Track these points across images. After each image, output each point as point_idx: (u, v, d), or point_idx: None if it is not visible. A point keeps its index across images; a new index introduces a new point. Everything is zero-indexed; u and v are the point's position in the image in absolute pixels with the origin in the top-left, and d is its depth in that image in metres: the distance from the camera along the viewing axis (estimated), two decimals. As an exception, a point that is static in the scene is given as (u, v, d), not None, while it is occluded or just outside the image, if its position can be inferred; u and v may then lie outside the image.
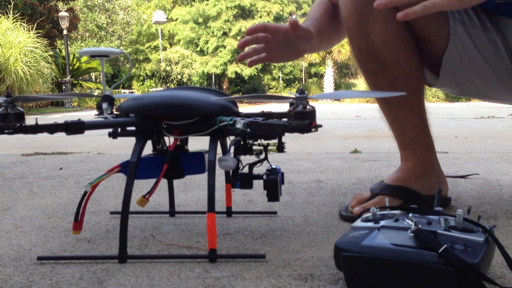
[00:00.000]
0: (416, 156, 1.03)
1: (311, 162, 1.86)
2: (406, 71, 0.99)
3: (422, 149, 1.03)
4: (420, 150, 1.03)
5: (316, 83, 24.92)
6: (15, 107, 0.67)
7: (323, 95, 0.67)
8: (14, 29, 10.16)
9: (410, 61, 0.99)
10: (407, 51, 0.98)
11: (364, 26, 0.96)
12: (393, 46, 0.97)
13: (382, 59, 0.97)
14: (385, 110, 1.05)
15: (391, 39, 0.96)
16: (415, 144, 1.03)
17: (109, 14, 26.78)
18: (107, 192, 1.31)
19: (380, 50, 0.97)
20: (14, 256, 0.79)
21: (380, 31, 0.95)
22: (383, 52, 0.97)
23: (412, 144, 1.03)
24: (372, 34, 0.96)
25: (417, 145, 1.03)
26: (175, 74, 19.92)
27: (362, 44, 0.98)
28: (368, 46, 0.97)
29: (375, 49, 0.97)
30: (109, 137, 0.87)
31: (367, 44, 0.97)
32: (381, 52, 0.97)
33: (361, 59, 1.01)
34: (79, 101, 13.34)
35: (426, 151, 1.04)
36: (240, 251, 0.79)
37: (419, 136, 1.03)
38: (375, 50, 0.97)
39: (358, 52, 1.00)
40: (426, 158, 1.04)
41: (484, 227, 0.61)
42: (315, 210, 1.07)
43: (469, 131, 3.40)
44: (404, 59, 0.98)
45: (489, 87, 1.05)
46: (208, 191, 0.73)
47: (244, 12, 26.86)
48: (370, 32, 0.96)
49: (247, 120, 0.68)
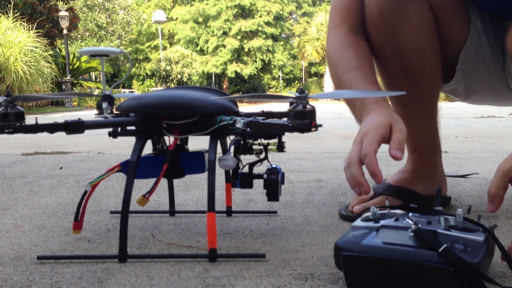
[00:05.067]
0: (424, 160, 1.02)
1: (311, 161, 1.86)
2: (429, 77, 0.95)
3: (431, 153, 1.03)
4: (429, 154, 1.03)
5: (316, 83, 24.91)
6: (15, 107, 0.67)
7: (323, 94, 0.67)
8: (14, 28, 10.15)
9: (434, 66, 0.94)
10: (434, 56, 0.94)
11: (395, 27, 0.89)
12: (422, 51, 0.92)
13: (407, 63, 0.92)
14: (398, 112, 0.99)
15: (421, 44, 0.91)
16: (425, 149, 1.02)
17: (109, 14, 26.76)
18: (107, 191, 1.31)
19: (407, 54, 0.91)
20: (14, 255, 0.79)
21: (411, 34, 0.89)
22: (411, 56, 0.91)
23: (423, 148, 1.02)
24: (402, 36, 0.90)
25: (427, 150, 1.02)
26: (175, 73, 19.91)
27: (387, 45, 0.92)
28: (395, 48, 0.91)
29: (402, 52, 0.91)
30: (109, 136, 0.87)
31: (393, 46, 0.91)
32: (409, 55, 0.91)
33: (384, 60, 0.95)
34: (79, 101, 13.33)
35: (434, 156, 1.04)
36: (240, 250, 0.79)
37: (429, 140, 1.02)
38: (402, 53, 0.91)
39: (382, 53, 0.94)
40: (433, 163, 1.03)
41: (484, 227, 0.61)
42: (315, 209, 1.07)
43: (469, 131, 3.40)
44: (430, 64, 0.93)
45: (493, 85, 1.04)
46: (208, 191, 0.73)
47: (244, 11, 26.84)
48: (400, 34, 0.89)
49: (247, 119, 0.68)
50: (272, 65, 27.92)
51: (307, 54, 22.22)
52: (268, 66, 27.82)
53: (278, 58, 27.54)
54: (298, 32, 28.58)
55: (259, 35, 26.81)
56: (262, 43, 26.55)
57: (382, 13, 0.88)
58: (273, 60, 27.52)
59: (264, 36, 26.80)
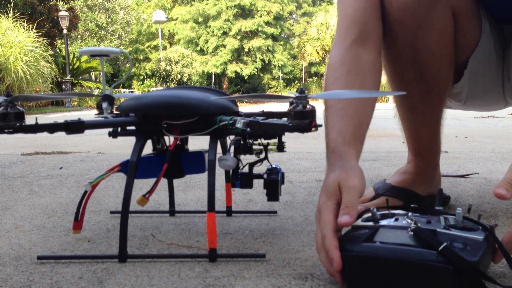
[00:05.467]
0: (426, 162, 1.02)
1: (311, 161, 1.86)
2: (442, 83, 0.93)
3: (434, 155, 1.04)
4: (432, 157, 1.03)
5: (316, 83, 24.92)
6: (15, 107, 0.67)
7: (323, 94, 0.67)
8: (14, 28, 10.16)
9: (448, 73, 0.93)
10: (449, 63, 0.91)
11: (415, 33, 0.86)
12: (440, 60, 0.89)
13: (423, 70, 0.90)
14: (405, 116, 1.00)
15: (440, 51, 0.88)
16: (428, 152, 1.02)
17: (109, 14, 26.76)
18: (107, 191, 1.31)
19: (425, 61, 0.89)
20: (14, 255, 0.79)
21: (431, 42, 0.87)
22: (428, 63, 0.89)
23: (426, 151, 1.02)
24: (420, 44, 0.87)
25: (430, 153, 1.03)
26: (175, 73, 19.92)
27: (404, 51, 0.89)
28: (412, 54, 0.88)
29: (419, 59, 0.89)
30: (109, 136, 0.87)
31: (410, 52, 0.88)
32: (426, 63, 0.89)
33: (398, 66, 0.92)
34: (79, 101, 13.34)
35: (436, 157, 1.04)
36: (240, 250, 0.79)
37: (433, 143, 1.02)
38: (419, 59, 0.89)
39: (396, 58, 0.91)
40: (434, 165, 1.04)
41: (484, 226, 0.61)
42: (315, 209, 1.07)
43: (469, 131, 3.40)
44: (444, 71, 0.91)
45: (494, 89, 1.03)
46: (208, 191, 0.73)
47: (244, 11, 26.84)
48: (420, 41, 0.87)
49: (247, 119, 0.68)
50: (272, 65, 27.93)
51: (307, 54, 22.23)
52: (268, 66, 27.83)
53: (278, 58, 27.55)
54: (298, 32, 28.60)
55: (259, 35, 26.81)
56: (262, 43, 26.56)
57: (404, 20, 0.85)
58: (273, 60, 27.53)
59: (264, 36, 26.81)
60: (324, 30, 21.40)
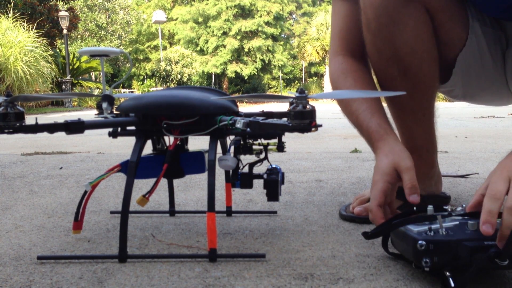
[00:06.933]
0: (422, 160, 1.02)
1: (311, 161, 1.86)
2: (427, 79, 0.94)
3: (429, 154, 1.04)
4: (427, 155, 1.03)
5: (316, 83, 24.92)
6: (15, 107, 0.67)
7: (323, 94, 0.67)
8: (14, 28, 10.16)
9: (432, 69, 0.94)
10: (431, 59, 0.93)
11: (390, 30, 0.89)
12: (420, 55, 0.91)
13: (405, 66, 0.92)
14: (396, 115, 1.02)
15: (419, 47, 0.90)
16: (423, 150, 1.03)
17: (109, 14, 26.76)
18: (107, 191, 1.31)
19: (405, 58, 0.91)
20: (14, 255, 0.79)
21: (408, 38, 0.89)
22: (408, 60, 0.91)
23: (420, 149, 1.02)
24: (398, 40, 0.89)
25: (425, 151, 1.03)
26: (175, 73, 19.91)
27: (384, 49, 0.92)
28: (392, 51, 0.91)
29: (399, 56, 0.91)
30: (109, 136, 0.87)
31: (390, 49, 0.91)
32: (406, 59, 0.91)
33: (381, 64, 0.95)
34: (79, 101, 13.34)
35: (432, 156, 1.04)
36: (240, 250, 0.79)
37: (427, 141, 1.03)
38: (399, 56, 0.91)
39: (378, 56, 0.94)
40: (431, 163, 1.04)
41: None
42: (315, 209, 1.07)
43: (469, 131, 3.40)
44: (427, 67, 0.93)
45: (492, 85, 1.04)
46: (208, 191, 0.73)
47: (244, 11, 26.84)
48: (397, 37, 0.89)
49: (247, 119, 0.68)
50: (272, 65, 27.92)
51: (307, 54, 22.22)
52: (268, 66, 27.83)
53: (278, 58, 27.54)
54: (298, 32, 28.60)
55: (259, 35, 26.81)
56: (262, 43, 26.56)
57: (378, 17, 0.89)
58: (273, 60, 27.52)
59: (264, 36, 26.81)
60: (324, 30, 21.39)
